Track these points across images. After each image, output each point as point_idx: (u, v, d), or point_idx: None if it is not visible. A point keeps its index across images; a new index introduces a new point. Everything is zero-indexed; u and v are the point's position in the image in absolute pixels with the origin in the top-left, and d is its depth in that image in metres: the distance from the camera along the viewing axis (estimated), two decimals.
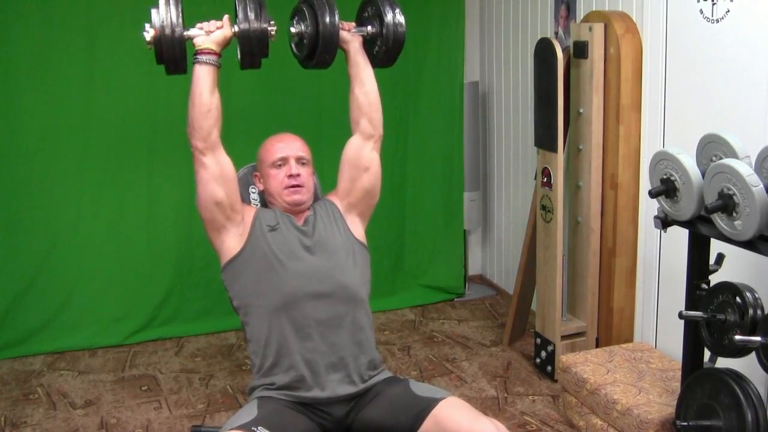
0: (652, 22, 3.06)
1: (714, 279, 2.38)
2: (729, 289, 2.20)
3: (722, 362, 2.35)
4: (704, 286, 2.40)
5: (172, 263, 4.03)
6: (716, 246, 2.37)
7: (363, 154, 2.31)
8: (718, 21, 2.74)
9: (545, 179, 3.39)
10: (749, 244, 2.12)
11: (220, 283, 2.27)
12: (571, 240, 3.52)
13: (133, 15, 3.80)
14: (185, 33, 2.06)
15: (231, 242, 2.15)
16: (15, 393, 3.45)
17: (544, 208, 3.43)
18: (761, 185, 2.04)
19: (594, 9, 3.40)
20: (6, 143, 3.73)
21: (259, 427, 1.88)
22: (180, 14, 2.04)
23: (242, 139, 3.94)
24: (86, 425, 3.16)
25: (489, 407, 3.21)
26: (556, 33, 3.76)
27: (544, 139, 3.36)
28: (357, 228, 2.28)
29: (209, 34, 2.11)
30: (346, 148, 2.33)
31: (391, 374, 2.18)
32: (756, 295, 2.15)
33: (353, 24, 2.34)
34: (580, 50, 3.24)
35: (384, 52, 2.31)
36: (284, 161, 2.24)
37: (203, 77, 2.06)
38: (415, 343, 3.93)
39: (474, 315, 4.31)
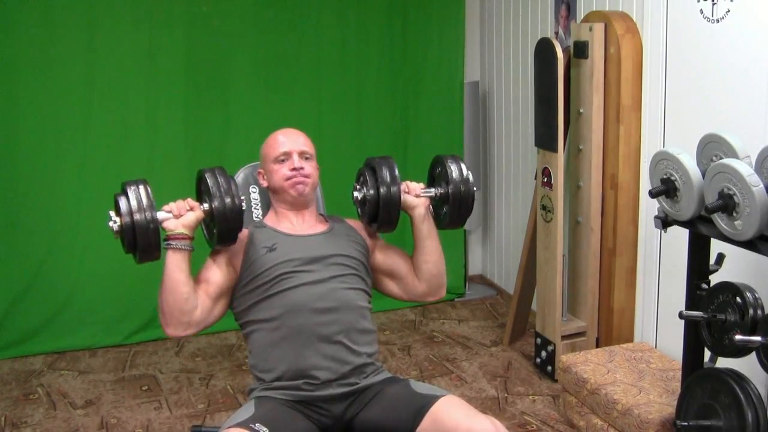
0: (652, 22, 3.06)
1: (714, 279, 2.38)
2: (729, 289, 2.20)
3: (722, 362, 2.35)
4: (704, 286, 2.40)
5: None
6: (716, 246, 2.37)
7: (405, 285, 2.28)
8: (718, 21, 2.74)
9: (545, 179, 3.39)
10: (749, 244, 2.12)
11: None
12: (572, 240, 3.52)
13: (133, 15, 3.81)
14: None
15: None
16: (15, 393, 3.45)
17: (544, 208, 3.43)
18: (761, 185, 2.04)
19: (594, 9, 3.40)
20: (6, 143, 3.73)
21: (257, 424, 1.87)
22: (151, 196, 1.93)
23: (242, 140, 3.98)
24: (86, 425, 3.16)
25: (489, 407, 3.21)
26: (557, 33, 3.76)
27: (545, 139, 3.36)
28: (370, 262, 2.28)
29: (178, 218, 1.98)
30: (406, 262, 2.27)
31: (391, 374, 2.18)
32: (756, 295, 2.15)
33: (421, 185, 2.24)
34: (580, 50, 3.24)
35: (450, 217, 2.21)
36: (287, 156, 2.22)
37: (180, 265, 1.95)
38: (416, 343, 3.93)
39: (474, 315, 4.31)
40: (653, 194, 2.40)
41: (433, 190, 2.23)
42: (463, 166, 2.20)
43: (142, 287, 3.99)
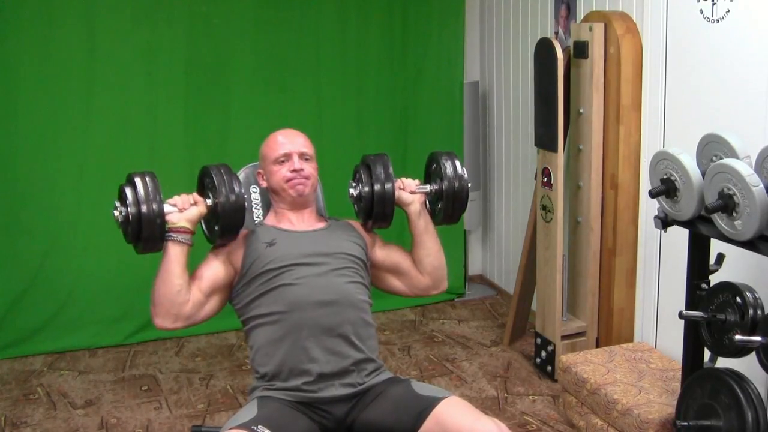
0: (652, 22, 3.06)
1: (714, 279, 2.38)
2: (729, 289, 2.20)
3: (722, 362, 2.35)
4: (704, 286, 2.40)
5: None
6: (716, 246, 2.37)
7: (409, 280, 2.30)
8: (718, 21, 2.74)
9: (545, 179, 3.39)
10: (749, 244, 2.12)
11: None
12: (571, 240, 3.52)
13: (133, 14, 3.81)
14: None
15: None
16: (15, 393, 3.45)
17: (544, 208, 3.43)
18: (761, 185, 2.04)
19: (594, 9, 3.41)
20: (6, 143, 3.73)
21: (259, 426, 1.87)
22: (159, 188, 1.96)
23: (242, 140, 3.97)
24: (86, 425, 3.16)
25: (489, 407, 3.21)
26: (556, 33, 3.76)
27: (545, 139, 3.36)
28: (371, 259, 2.29)
29: (182, 212, 2.02)
30: (408, 258, 2.29)
31: (392, 374, 2.18)
32: (756, 295, 2.15)
33: (417, 182, 2.28)
34: (580, 50, 3.24)
35: (444, 214, 2.26)
36: (287, 157, 2.22)
37: (178, 257, 1.99)
38: (416, 343, 3.93)
39: (474, 315, 4.31)
40: (653, 194, 2.40)
41: (428, 186, 2.28)
42: (457, 163, 2.25)
43: (142, 287, 3.95)
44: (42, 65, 3.72)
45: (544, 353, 3.48)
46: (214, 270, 2.11)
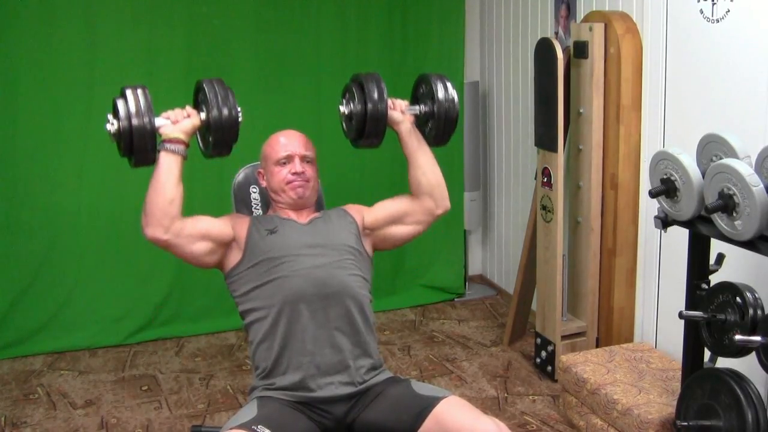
0: (653, 22, 3.06)
1: (714, 279, 2.38)
2: (729, 289, 2.20)
3: (722, 362, 2.35)
4: (704, 286, 2.40)
5: (172, 263, 4.00)
6: (716, 246, 2.37)
7: (413, 216, 2.29)
8: (718, 21, 2.74)
9: (545, 179, 3.39)
10: (749, 244, 2.12)
11: (220, 283, 2.27)
12: (572, 240, 3.52)
13: (133, 15, 3.81)
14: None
15: (230, 257, 2.16)
16: (15, 393, 3.45)
17: (544, 208, 3.43)
18: (761, 185, 2.04)
19: (594, 9, 3.41)
20: (6, 143, 3.73)
21: (259, 426, 1.88)
22: (150, 101, 1.97)
23: (241, 140, 3.96)
24: (86, 425, 3.16)
25: (489, 407, 3.21)
26: (557, 33, 3.76)
27: (545, 139, 3.36)
28: (367, 245, 2.28)
29: (176, 124, 2.03)
30: (400, 199, 2.30)
31: (392, 374, 2.18)
32: (756, 295, 2.15)
33: (406, 103, 2.28)
34: (581, 50, 3.24)
35: (435, 132, 2.25)
36: (289, 159, 2.23)
37: (171, 168, 2.00)
38: (416, 343, 3.93)
39: (474, 315, 4.31)
40: (653, 194, 2.40)
41: (417, 107, 2.27)
42: (449, 84, 2.24)
43: (142, 287, 4.00)
44: (42, 65, 3.72)
45: (544, 353, 3.48)
46: (214, 222, 2.13)
